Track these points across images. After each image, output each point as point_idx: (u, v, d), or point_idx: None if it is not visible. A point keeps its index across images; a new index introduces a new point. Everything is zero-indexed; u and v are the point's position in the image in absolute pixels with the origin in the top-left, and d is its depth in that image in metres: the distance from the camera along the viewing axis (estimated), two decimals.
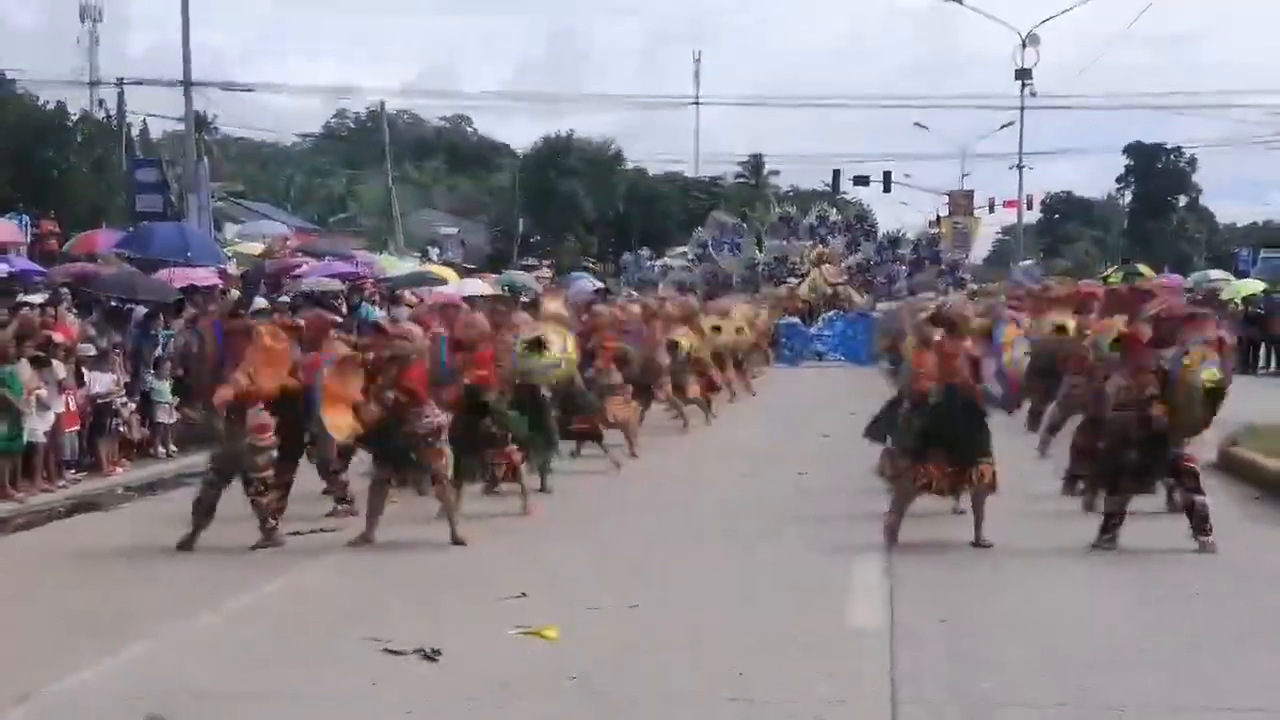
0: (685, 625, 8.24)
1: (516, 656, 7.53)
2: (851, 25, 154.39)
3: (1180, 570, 9.73)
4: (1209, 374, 9.93)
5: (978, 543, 10.48)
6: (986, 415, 10.68)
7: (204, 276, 20.49)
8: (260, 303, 18.07)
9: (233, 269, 24.01)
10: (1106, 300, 13.78)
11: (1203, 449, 11.06)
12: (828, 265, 39.56)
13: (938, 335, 10.81)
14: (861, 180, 60.12)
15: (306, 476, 12.28)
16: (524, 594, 8.91)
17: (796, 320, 36.68)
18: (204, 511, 10.75)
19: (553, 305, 14.89)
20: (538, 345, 13.05)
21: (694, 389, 19.25)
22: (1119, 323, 11.87)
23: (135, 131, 54.06)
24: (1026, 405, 15.84)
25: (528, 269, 48.96)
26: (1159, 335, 10.37)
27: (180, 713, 6.59)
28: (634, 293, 29.76)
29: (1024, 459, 14.97)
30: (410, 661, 7.40)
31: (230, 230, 40.28)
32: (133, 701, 6.70)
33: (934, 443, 10.52)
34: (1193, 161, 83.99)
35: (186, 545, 10.66)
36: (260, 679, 7.26)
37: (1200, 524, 10.20)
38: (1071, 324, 14.31)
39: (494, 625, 8.18)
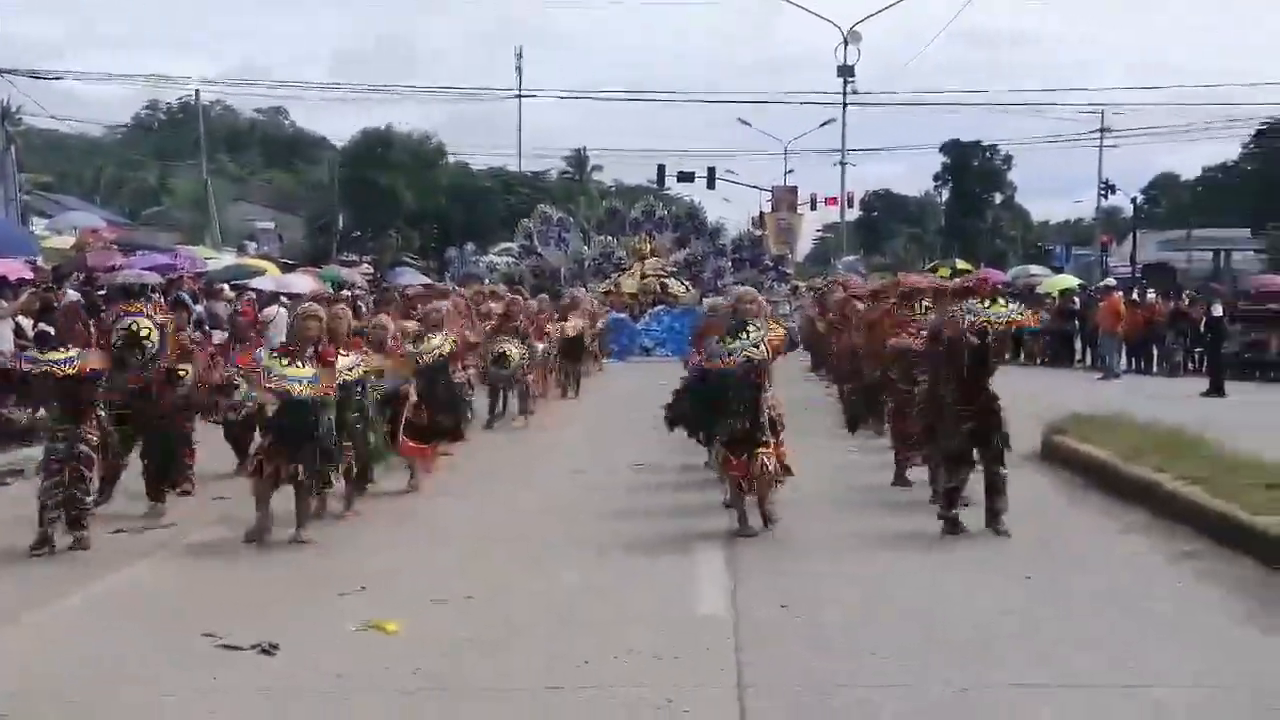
0: (527, 616, 8.15)
1: (356, 651, 7.38)
2: (677, 22, 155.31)
3: (1013, 554, 9.92)
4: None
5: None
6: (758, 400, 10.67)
7: (15, 269, 19.72)
8: (72, 295, 17.59)
9: (42, 262, 23.19)
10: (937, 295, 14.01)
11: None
12: (654, 259, 39.66)
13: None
14: (686, 176, 60.52)
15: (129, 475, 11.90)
16: (363, 588, 8.75)
17: (623, 315, 36.71)
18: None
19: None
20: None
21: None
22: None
23: None
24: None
25: (348, 264, 48.26)
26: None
27: (13, 713, 6.34)
28: (458, 287, 29.49)
29: (849, 448, 15.23)
30: (248, 656, 7.20)
31: (39, 224, 38.98)
32: None
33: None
34: (1008, 160, 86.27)
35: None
36: (95, 676, 7.00)
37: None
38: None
39: (334, 620, 8.01)
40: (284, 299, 25.83)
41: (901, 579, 9.18)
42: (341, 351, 11.14)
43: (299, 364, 10.51)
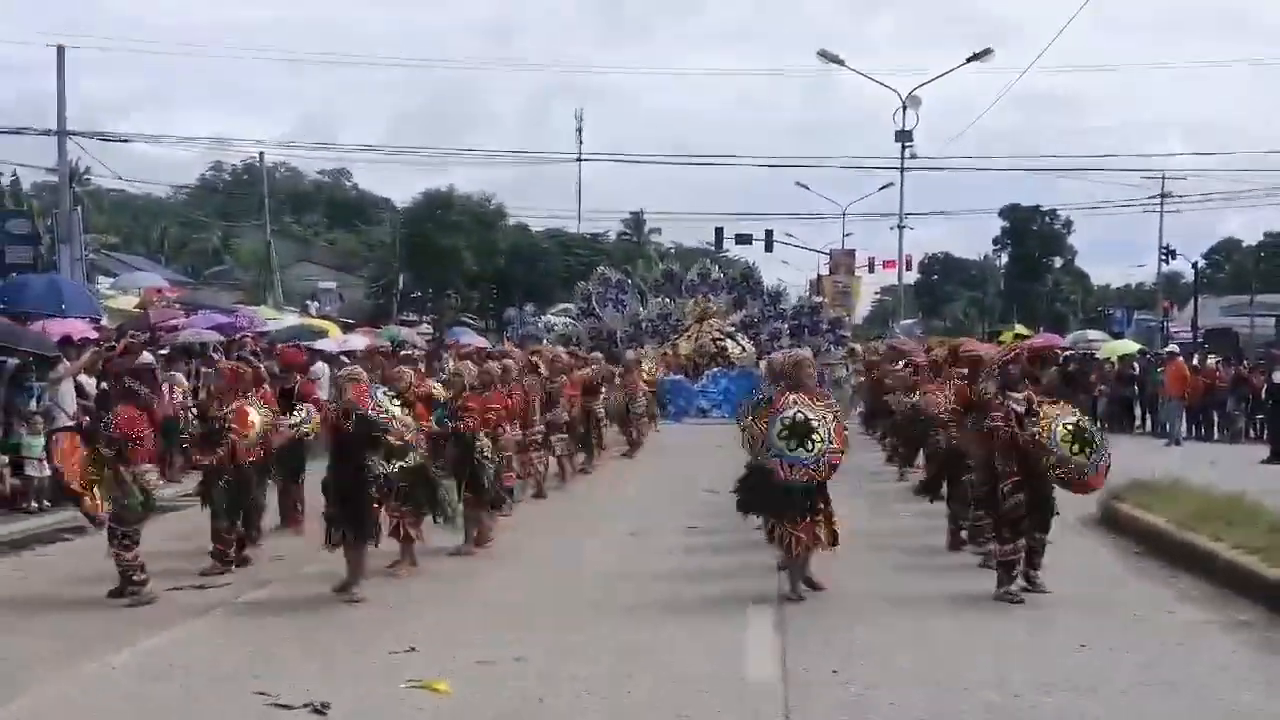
0: (578, 679, 8.16)
1: (406, 712, 7.41)
2: (737, 85, 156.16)
3: (1068, 621, 9.85)
4: (1066, 422, 10.34)
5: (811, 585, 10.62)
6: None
7: (79, 329, 20.03)
8: (147, 358, 17.87)
9: (106, 321, 23.55)
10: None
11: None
12: (713, 320, 39.72)
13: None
14: (744, 239, 60.66)
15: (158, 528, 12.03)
16: (413, 648, 8.79)
17: (680, 376, 36.74)
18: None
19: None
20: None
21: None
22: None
23: (5, 182, 53.07)
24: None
25: (408, 324, 48.64)
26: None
27: None
28: (517, 348, 29.68)
29: (907, 512, 15.16)
30: (300, 716, 7.25)
31: (104, 283, 39.55)
32: None
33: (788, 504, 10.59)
34: (1068, 224, 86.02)
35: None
36: None
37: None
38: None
39: (383, 680, 8.05)
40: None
41: (954, 645, 9.12)
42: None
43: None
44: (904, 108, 48.22)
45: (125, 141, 52.03)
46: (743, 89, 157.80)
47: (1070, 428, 10.39)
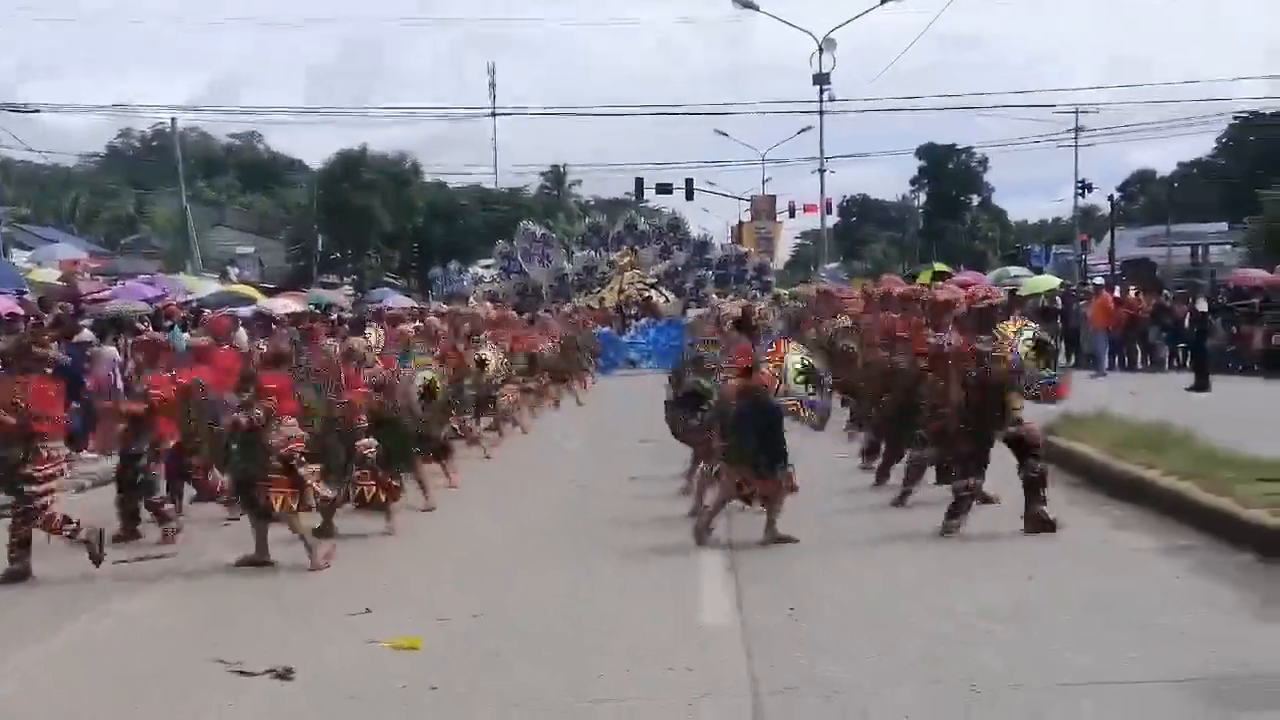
0: (535, 631, 8.23)
1: (369, 671, 7.44)
2: (647, 34, 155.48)
3: (1013, 552, 10.06)
4: (1026, 338, 10.63)
5: (775, 539, 10.64)
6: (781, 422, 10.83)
7: (4, 305, 19.71)
8: (88, 335, 17.99)
9: (30, 295, 23.19)
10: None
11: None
12: (635, 272, 39.80)
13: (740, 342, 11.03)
14: (664, 188, 60.60)
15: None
16: (368, 609, 8.80)
17: (609, 329, 36.83)
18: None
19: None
20: None
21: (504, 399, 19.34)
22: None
23: None
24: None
25: (329, 286, 48.25)
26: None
27: None
28: (444, 306, 29.60)
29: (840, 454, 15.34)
30: (262, 681, 7.26)
31: (19, 256, 38.89)
32: None
33: (736, 456, 10.71)
34: (984, 161, 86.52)
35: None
36: (111, 706, 7.06)
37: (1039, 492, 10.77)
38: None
39: (343, 642, 8.07)
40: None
41: (902, 581, 9.28)
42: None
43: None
44: (820, 51, 48.35)
45: (35, 112, 50.75)
46: (657, 37, 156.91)
47: (1031, 343, 10.64)
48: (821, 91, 48.99)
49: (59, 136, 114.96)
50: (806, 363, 10.82)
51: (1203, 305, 27.51)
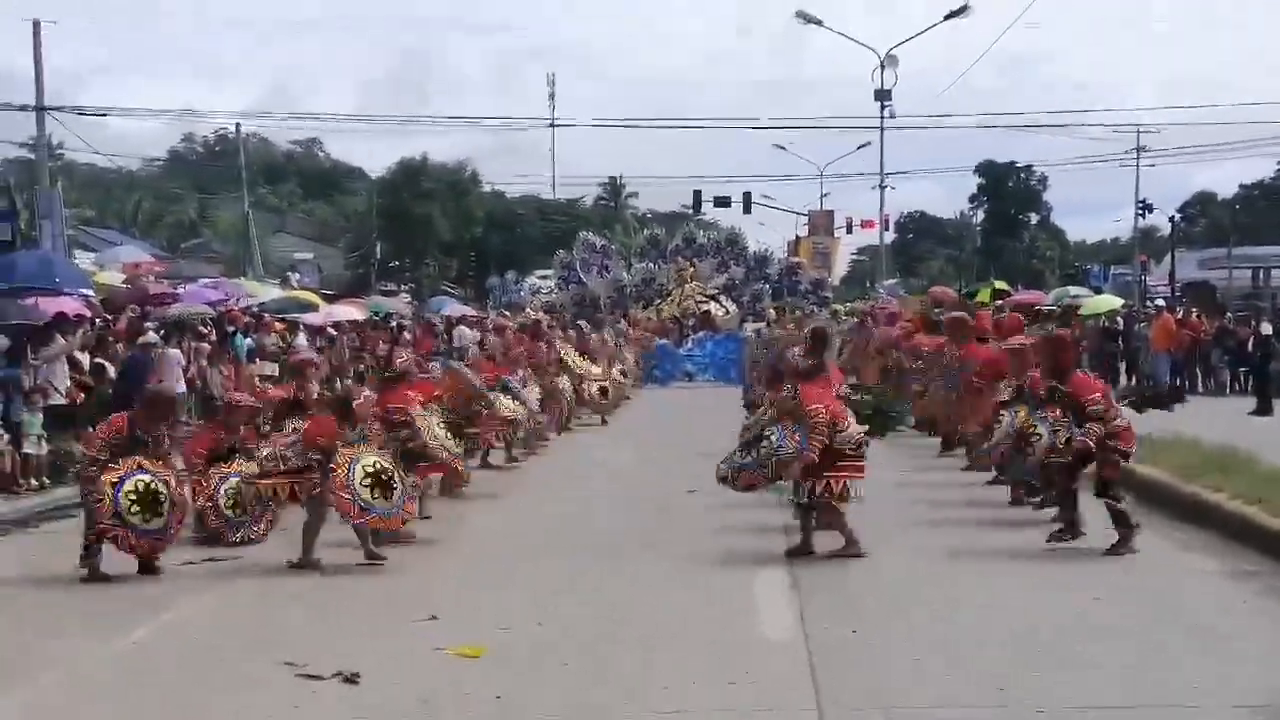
0: (598, 642, 8.24)
1: (436, 677, 7.48)
2: (708, 46, 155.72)
3: (1081, 572, 10.02)
4: None
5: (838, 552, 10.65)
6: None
7: (72, 306, 19.86)
8: (152, 338, 18.21)
9: (95, 298, 23.40)
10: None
11: None
12: (696, 284, 39.82)
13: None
14: (722, 201, 60.54)
15: None
16: (434, 617, 8.84)
17: (666, 341, 36.83)
18: None
19: None
20: None
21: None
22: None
23: None
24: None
25: (387, 294, 48.53)
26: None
27: None
28: (505, 313, 29.79)
29: (926, 470, 15.26)
30: (330, 685, 7.31)
31: (84, 258, 39.31)
32: None
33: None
34: (1043, 180, 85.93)
35: None
36: (178, 708, 7.12)
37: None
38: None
39: (409, 647, 8.11)
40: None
41: (966, 599, 9.25)
42: None
43: None
44: (882, 67, 48.27)
45: (103, 115, 51.15)
46: (715, 49, 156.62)
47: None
48: (883, 108, 48.88)
49: (121, 140, 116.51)
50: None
51: (1267, 328, 27.18)
